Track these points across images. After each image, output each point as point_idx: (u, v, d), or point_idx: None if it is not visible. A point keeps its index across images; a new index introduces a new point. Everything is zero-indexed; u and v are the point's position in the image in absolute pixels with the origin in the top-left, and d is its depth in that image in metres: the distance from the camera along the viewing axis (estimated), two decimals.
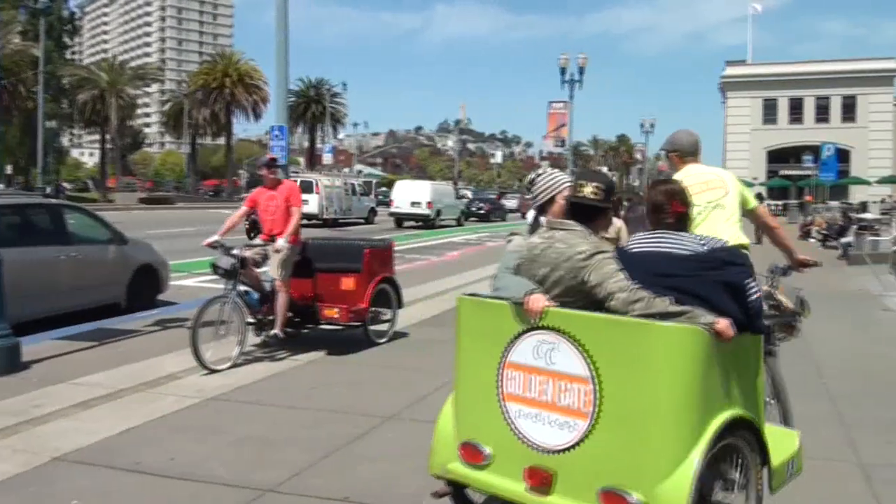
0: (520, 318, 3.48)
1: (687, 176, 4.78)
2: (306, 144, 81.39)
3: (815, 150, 45.12)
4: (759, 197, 33.28)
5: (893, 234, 19.09)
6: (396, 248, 10.17)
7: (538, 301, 3.44)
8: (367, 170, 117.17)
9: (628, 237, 5.14)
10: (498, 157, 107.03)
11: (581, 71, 36.28)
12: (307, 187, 36.42)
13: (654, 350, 3.10)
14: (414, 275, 16.99)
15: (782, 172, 66.62)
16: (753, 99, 70.42)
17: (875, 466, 5.36)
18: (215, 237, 8.02)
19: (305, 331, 9.09)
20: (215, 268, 7.92)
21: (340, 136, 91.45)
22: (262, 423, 6.14)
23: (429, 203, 37.72)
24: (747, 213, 5.09)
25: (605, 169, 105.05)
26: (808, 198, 45.47)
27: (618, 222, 7.07)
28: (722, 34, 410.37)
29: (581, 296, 3.48)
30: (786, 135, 68.67)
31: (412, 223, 37.75)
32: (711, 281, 3.40)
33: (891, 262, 15.72)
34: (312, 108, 75.82)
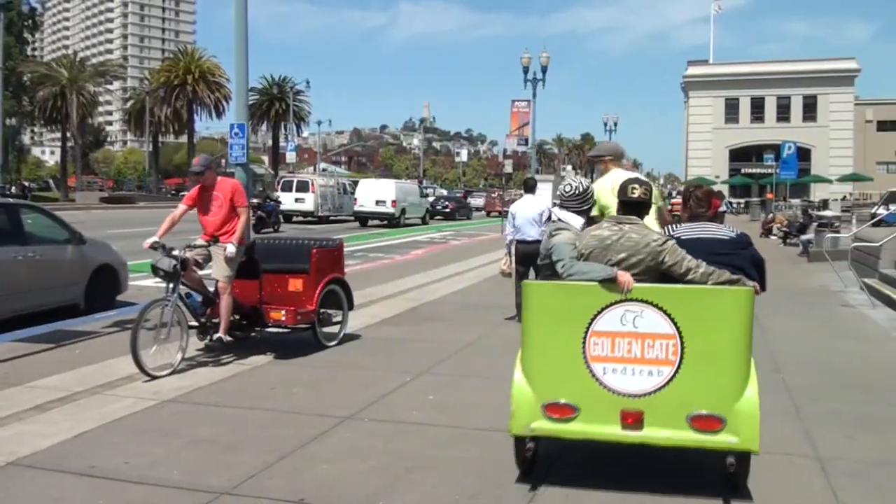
0: (603, 294, 4.51)
1: (617, 178, 5.92)
2: (270, 143, 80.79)
3: (776, 149, 45.64)
4: (720, 195, 33.85)
5: (853, 231, 19.34)
6: (360, 248, 10.08)
7: (628, 277, 4.52)
8: (332, 168, 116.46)
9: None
10: (463, 155, 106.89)
11: (544, 69, 36.31)
12: (303, 186, 37.72)
13: (727, 308, 4.41)
14: (377, 273, 16.91)
15: (744, 171, 67.52)
16: (715, 98, 71.27)
17: (833, 460, 5.40)
18: (154, 238, 7.74)
19: (252, 334, 8.88)
20: (155, 269, 7.64)
21: (304, 134, 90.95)
22: (219, 425, 6.04)
23: (393, 202, 37.69)
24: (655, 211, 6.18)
25: (569, 167, 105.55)
26: (769, 196, 46.01)
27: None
28: (685, 34, 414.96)
29: (654, 273, 4.66)
30: (747, 134, 69.59)
31: (377, 222, 37.68)
32: (745, 256, 4.85)
33: (850, 259, 15.91)
34: (276, 105, 75.26)
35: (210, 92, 66.96)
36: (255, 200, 40.76)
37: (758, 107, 70.60)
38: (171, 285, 7.64)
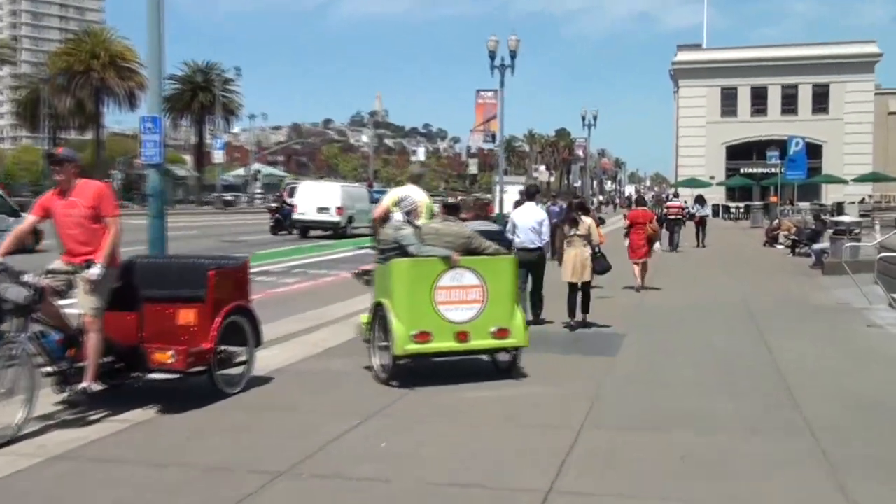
0: (441, 264, 8.78)
1: (411, 192, 11.04)
2: (194, 139, 79.97)
3: (781, 145, 46.18)
4: (701, 199, 34.16)
5: (878, 238, 19.45)
6: (300, 263, 9.79)
7: (457, 255, 8.86)
8: (267, 169, 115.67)
9: (598, 231, 13.01)
10: (420, 154, 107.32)
11: (513, 55, 36.28)
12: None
13: (504, 267, 9.09)
14: (320, 293, 16.64)
15: (744, 170, 68.02)
16: (710, 88, 71.77)
17: None
18: None
19: (130, 381, 8.13)
20: (2, 302, 6.81)
21: (235, 129, 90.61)
22: (120, 487, 5.68)
23: (339, 208, 37.30)
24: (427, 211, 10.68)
25: (542, 168, 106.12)
26: (773, 198, 46.52)
27: (588, 220, 12.88)
28: (674, 15, 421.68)
29: (466, 251, 9.01)
30: (747, 128, 70.10)
31: (320, 232, 37.28)
32: (505, 240, 10.45)
33: (877, 272, 15.92)
34: (200, 96, 74.65)
35: (121, 80, 66.14)
36: (273, 204, 42.55)
37: (759, 97, 71.21)
38: (20, 321, 6.89)
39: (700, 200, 34.01)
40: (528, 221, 12.70)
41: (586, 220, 12.88)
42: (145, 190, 13.22)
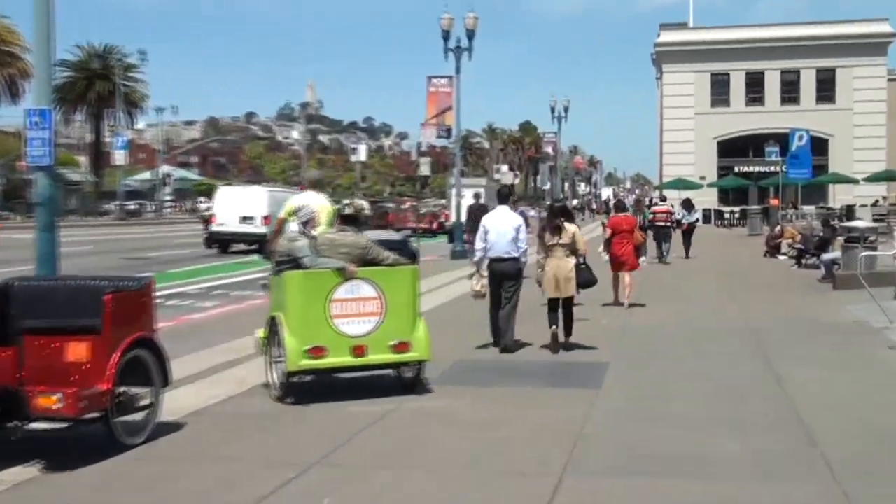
0: (337, 276, 9.65)
1: (309, 200, 12.55)
2: (90, 137, 79.13)
3: (782, 140, 46.65)
4: (688, 204, 34.45)
5: None
6: (220, 283, 9.66)
7: (353, 267, 9.73)
8: (179, 172, 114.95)
9: (582, 239, 13.39)
10: (361, 152, 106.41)
11: (470, 35, 36.19)
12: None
13: (405, 278, 10.06)
14: (246, 319, 16.42)
15: (738, 169, 68.76)
16: (698, 73, 72.49)
17: None
18: None
19: (5, 432, 7.73)
20: None
21: (139, 125, 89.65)
22: None
23: (265, 218, 36.86)
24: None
25: (504, 168, 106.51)
26: (773, 201, 47.03)
27: (571, 227, 13.20)
28: None
29: (363, 262, 9.86)
30: (742, 120, 70.86)
31: (243, 246, 37.00)
32: (407, 250, 10.66)
33: None
34: (98, 86, 74.16)
35: (0, 66, 65.24)
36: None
37: (755, 84, 72.06)
38: None
39: (687, 205, 34.34)
40: (505, 227, 12.95)
41: (570, 228, 13.11)
42: (32, 198, 12.98)
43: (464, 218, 33.55)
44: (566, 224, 13.08)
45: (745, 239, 44.17)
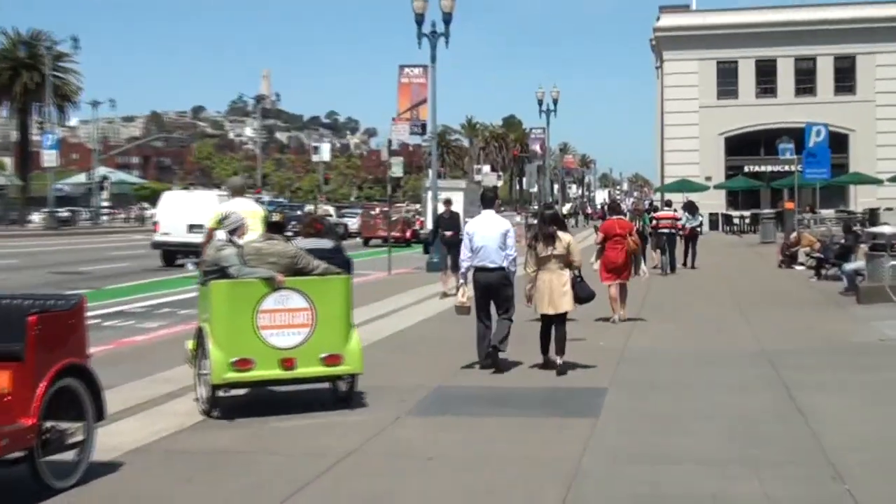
0: (265, 286, 10.47)
1: (237, 206, 13.34)
2: (15, 136, 78.70)
3: (797, 135, 46.77)
4: (691, 206, 34.67)
5: None
6: (166, 300, 9.61)
7: (281, 276, 10.56)
8: (118, 175, 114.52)
9: (577, 250, 13.63)
10: (323, 151, 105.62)
11: (447, 19, 36.10)
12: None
13: (337, 289, 10.97)
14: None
15: (749, 169, 68.96)
16: (702, 62, 72.53)
17: None
18: None
19: None
20: None
21: (72, 122, 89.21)
22: None
23: None
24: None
25: (486, 168, 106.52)
26: (787, 205, 47.05)
27: (566, 236, 13.41)
28: None
29: (292, 271, 10.75)
30: (752, 113, 70.83)
31: (192, 258, 36.78)
32: (340, 259, 11.71)
33: None
34: (24, 77, 73.89)
35: None
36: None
37: (767, 73, 72.10)
38: None
39: (690, 208, 34.66)
40: (490, 233, 13.32)
41: (564, 237, 13.30)
42: None
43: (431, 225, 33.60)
44: (560, 233, 13.19)
45: (756, 247, 44.30)
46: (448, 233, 24.81)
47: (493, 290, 13.12)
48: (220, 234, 11.62)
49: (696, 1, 79.08)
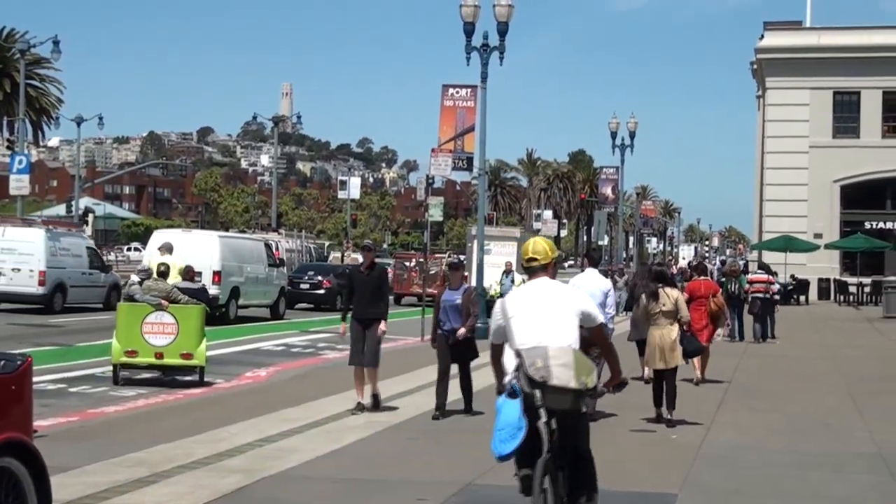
0: (152, 307, 22.72)
1: (161, 258, 29.18)
2: None
3: None
4: (766, 268, 35.12)
5: None
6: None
7: (166, 303, 22.92)
8: (105, 207, 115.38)
9: (684, 307, 16.96)
10: (353, 187, 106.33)
11: (503, 29, 36.23)
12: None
13: (195, 313, 23.18)
14: (176, 416, 16.46)
15: (870, 225, 68.20)
16: (815, 91, 71.99)
17: None
18: None
19: None
20: None
21: (51, 141, 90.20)
22: None
23: (216, 274, 37.14)
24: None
25: (548, 214, 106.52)
26: None
27: (674, 292, 16.38)
28: None
29: (169, 300, 23.63)
30: (876, 157, 70.00)
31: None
32: (199, 294, 26.10)
33: None
34: None
35: None
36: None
37: (894, 108, 71.46)
38: None
39: (765, 269, 36.60)
40: (594, 292, 15.86)
41: (672, 293, 16.49)
42: None
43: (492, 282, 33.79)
44: (667, 289, 16.44)
45: (878, 322, 43.92)
46: None
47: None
48: (133, 277, 23.33)
49: (811, 17, 78.12)
